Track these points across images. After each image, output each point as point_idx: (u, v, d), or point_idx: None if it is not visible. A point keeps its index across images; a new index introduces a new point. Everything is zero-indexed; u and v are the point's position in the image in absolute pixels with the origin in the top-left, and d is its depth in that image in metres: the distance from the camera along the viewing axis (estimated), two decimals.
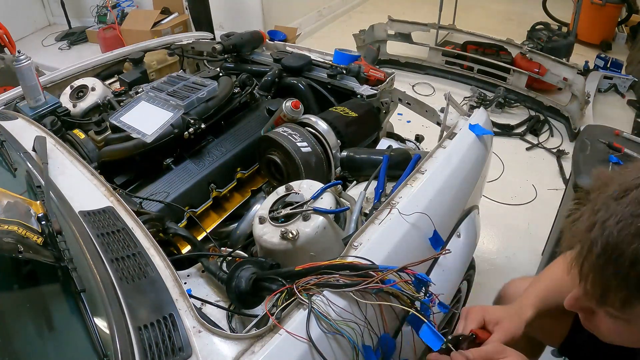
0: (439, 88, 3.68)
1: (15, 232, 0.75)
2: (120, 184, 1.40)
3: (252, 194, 1.54)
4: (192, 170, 1.42)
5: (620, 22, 4.34)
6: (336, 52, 1.79)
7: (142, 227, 0.96)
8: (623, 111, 3.36)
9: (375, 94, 1.66)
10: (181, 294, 0.81)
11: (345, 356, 0.77)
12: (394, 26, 3.89)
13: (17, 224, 0.76)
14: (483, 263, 2.15)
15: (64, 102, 1.67)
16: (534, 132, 3.12)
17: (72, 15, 5.00)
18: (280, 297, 0.80)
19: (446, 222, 1.19)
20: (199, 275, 1.07)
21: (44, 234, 0.79)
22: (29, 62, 1.49)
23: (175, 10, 4.46)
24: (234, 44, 1.89)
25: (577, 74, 3.01)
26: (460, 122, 1.42)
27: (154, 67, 1.96)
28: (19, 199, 0.86)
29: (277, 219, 1.04)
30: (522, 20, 4.77)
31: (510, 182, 2.67)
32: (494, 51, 3.59)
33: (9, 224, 0.75)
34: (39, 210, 0.85)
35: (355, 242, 0.95)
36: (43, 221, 0.81)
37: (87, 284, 0.77)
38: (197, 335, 0.74)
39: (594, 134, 1.66)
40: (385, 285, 0.80)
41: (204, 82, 1.53)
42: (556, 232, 1.74)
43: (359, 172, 1.44)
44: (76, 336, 0.73)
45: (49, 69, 3.26)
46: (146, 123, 1.40)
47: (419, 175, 1.17)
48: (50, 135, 1.28)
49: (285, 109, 1.48)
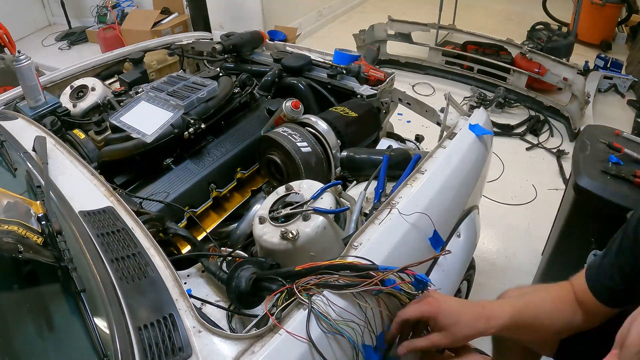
0: (439, 88, 3.68)
1: (15, 232, 0.75)
2: (120, 184, 1.40)
3: (252, 194, 1.54)
4: (192, 170, 1.42)
5: (620, 22, 4.34)
6: (336, 52, 1.79)
7: (142, 227, 0.96)
8: (623, 111, 3.36)
9: (375, 94, 1.66)
10: (181, 294, 0.81)
11: (345, 356, 0.77)
12: (394, 26, 3.89)
13: (17, 224, 0.76)
14: (483, 263, 2.15)
15: (64, 102, 1.67)
16: (534, 132, 3.12)
17: (72, 15, 5.01)
18: (280, 297, 0.80)
19: (446, 222, 1.19)
20: (199, 275, 1.07)
21: (44, 234, 0.79)
22: (29, 62, 1.49)
23: (175, 10, 4.47)
24: (234, 44, 1.89)
25: (577, 74, 3.01)
26: (460, 122, 1.42)
27: (154, 67, 1.96)
28: (19, 199, 0.86)
29: (277, 219, 1.04)
30: (522, 20, 4.78)
31: (510, 182, 2.67)
32: (493, 51, 3.60)
33: (9, 224, 0.75)
34: (39, 210, 0.85)
35: (355, 242, 0.95)
36: (43, 221, 0.81)
37: (87, 284, 0.77)
38: (197, 335, 0.74)
39: (594, 134, 1.66)
40: (385, 287, 0.80)
41: (204, 82, 1.53)
42: (556, 232, 1.74)
43: (359, 172, 1.44)
44: (76, 336, 0.73)
45: (49, 69, 3.26)
46: (146, 123, 1.40)
47: (419, 175, 1.17)
48: (50, 135, 1.28)
49: (285, 109, 1.48)
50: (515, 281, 2.03)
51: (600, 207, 1.43)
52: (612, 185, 1.42)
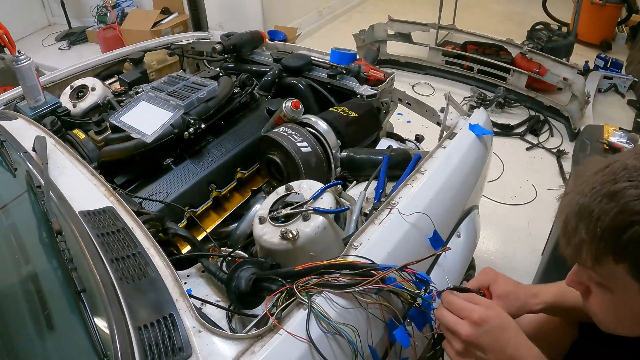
0: (439, 88, 3.68)
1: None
2: (120, 184, 1.40)
3: (252, 194, 1.54)
4: (192, 170, 1.42)
5: (620, 22, 4.34)
6: (332, 52, 1.78)
7: (142, 227, 0.96)
8: (623, 111, 3.36)
9: (375, 94, 1.66)
10: (181, 294, 0.81)
11: (345, 356, 0.77)
12: (394, 26, 3.89)
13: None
14: (483, 263, 2.15)
15: (64, 102, 1.67)
16: (534, 132, 3.12)
17: (72, 15, 5.01)
18: (280, 297, 0.80)
19: (446, 222, 1.19)
20: (199, 275, 1.07)
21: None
22: (29, 62, 1.49)
23: (175, 10, 4.47)
24: (234, 44, 1.89)
25: (577, 74, 3.01)
26: (460, 122, 1.42)
27: (154, 67, 1.96)
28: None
29: (277, 219, 1.04)
30: (522, 20, 4.78)
31: (510, 182, 2.67)
32: (493, 51, 3.60)
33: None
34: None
35: (355, 242, 0.95)
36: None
37: (87, 284, 0.77)
38: (197, 335, 0.74)
39: (594, 134, 1.66)
40: (385, 285, 0.80)
41: (204, 82, 1.53)
42: (556, 232, 1.74)
43: (359, 172, 1.44)
44: (76, 336, 0.73)
45: (49, 69, 3.26)
46: (146, 123, 1.40)
47: (419, 175, 1.17)
48: (50, 135, 1.28)
49: (285, 109, 1.48)
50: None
51: None
52: None
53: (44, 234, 0.94)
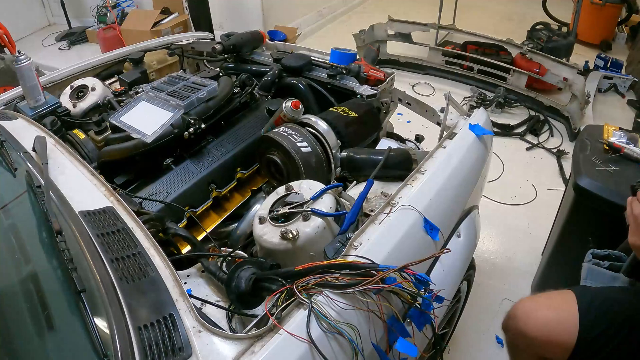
0: (439, 88, 3.68)
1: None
2: (120, 184, 1.40)
3: (252, 194, 1.54)
4: (192, 170, 1.42)
5: (620, 22, 4.34)
6: (333, 52, 1.78)
7: (142, 227, 0.96)
8: (623, 111, 3.36)
9: (375, 94, 1.66)
10: (181, 294, 0.81)
11: (345, 356, 0.77)
12: (394, 26, 3.89)
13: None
14: (483, 263, 2.15)
15: (64, 102, 1.67)
16: (534, 132, 3.12)
17: (72, 15, 5.01)
18: (280, 297, 0.80)
19: (446, 222, 1.19)
20: (199, 275, 1.07)
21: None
22: (29, 62, 1.49)
23: (175, 10, 4.46)
24: (234, 44, 1.89)
25: (577, 74, 3.01)
26: (460, 122, 1.42)
27: (154, 67, 1.96)
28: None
29: (277, 219, 1.04)
30: (522, 20, 4.78)
31: (510, 182, 2.67)
32: (493, 51, 3.60)
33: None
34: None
35: (355, 242, 0.95)
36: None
37: (87, 284, 0.77)
38: (197, 335, 0.74)
39: (594, 134, 1.66)
40: (385, 285, 0.80)
41: (204, 82, 1.53)
42: (556, 232, 1.74)
43: (359, 172, 1.44)
44: (76, 336, 0.73)
45: (49, 69, 3.26)
46: (146, 123, 1.40)
47: (419, 175, 1.17)
48: (50, 135, 1.27)
49: (285, 109, 1.48)
50: (515, 281, 2.03)
51: (600, 207, 1.43)
52: (612, 185, 1.42)
53: (44, 234, 0.94)
